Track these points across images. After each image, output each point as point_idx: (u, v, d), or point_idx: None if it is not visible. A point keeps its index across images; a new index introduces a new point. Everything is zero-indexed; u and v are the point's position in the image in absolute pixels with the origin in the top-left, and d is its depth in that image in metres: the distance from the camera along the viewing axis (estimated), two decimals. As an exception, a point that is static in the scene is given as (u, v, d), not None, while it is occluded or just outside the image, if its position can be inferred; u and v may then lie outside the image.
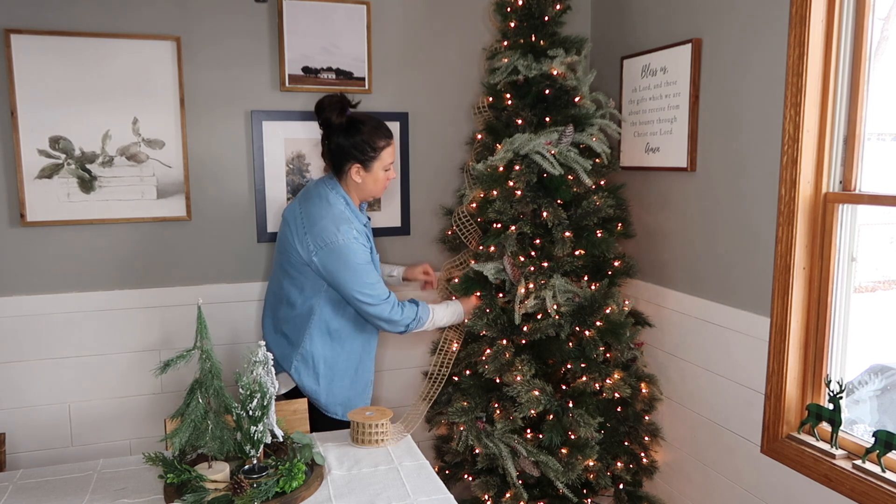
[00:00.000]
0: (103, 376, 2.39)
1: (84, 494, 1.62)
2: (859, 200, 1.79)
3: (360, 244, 2.00)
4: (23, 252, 2.28)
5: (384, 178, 2.09)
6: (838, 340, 1.88)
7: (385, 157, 2.05)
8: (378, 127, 2.04)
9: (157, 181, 2.37)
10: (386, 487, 1.66)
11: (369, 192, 2.10)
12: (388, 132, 2.07)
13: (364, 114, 2.10)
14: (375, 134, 2.02)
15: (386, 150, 2.05)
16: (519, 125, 2.31)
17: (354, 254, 1.97)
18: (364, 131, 2.01)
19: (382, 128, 2.06)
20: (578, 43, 2.34)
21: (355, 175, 2.04)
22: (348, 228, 1.98)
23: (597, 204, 2.24)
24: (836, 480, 1.76)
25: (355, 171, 2.04)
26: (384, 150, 2.04)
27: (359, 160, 2.03)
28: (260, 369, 1.61)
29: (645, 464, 2.47)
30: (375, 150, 2.02)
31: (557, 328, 2.20)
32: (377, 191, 2.11)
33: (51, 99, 2.22)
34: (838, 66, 1.81)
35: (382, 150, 2.04)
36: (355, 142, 2.01)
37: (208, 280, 2.47)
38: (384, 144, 2.04)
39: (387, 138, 2.05)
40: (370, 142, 2.01)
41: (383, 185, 2.11)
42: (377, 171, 2.05)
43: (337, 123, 2.03)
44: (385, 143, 2.04)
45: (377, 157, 2.03)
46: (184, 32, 2.33)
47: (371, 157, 2.03)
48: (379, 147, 2.03)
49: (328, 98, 2.06)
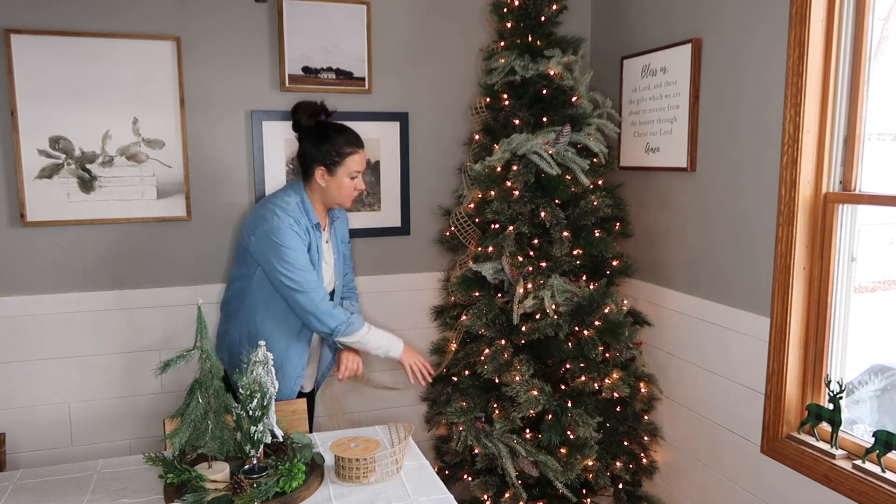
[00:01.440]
0: (103, 376, 2.39)
1: (84, 494, 1.62)
2: (859, 200, 1.79)
3: (295, 233, 2.00)
4: (23, 252, 2.28)
5: (349, 186, 2.10)
6: (838, 340, 1.87)
7: (350, 165, 2.08)
8: (346, 134, 2.09)
9: (157, 181, 2.37)
10: (386, 487, 1.66)
11: (332, 197, 2.11)
12: (357, 141, 2.10)
13: (337, 123, 2.14)
14: (343, 140, 2.06)
15: (352, 157, 2.07)
16: (516, 125, 2.31)
17: (286, 237, 1.98)
18: (333, 138, 2.06)
19: (351, 135, 2.09)
20: (575, 43, 2.34)
21: (320, 178, 2.08)
22: (285, 216, 2.00)
23: (594, 204, 2.24)
24: (836, 480, 1.76)
25: (320, 174, 2.07)
26: (350, 156, 2.07)
27: (324, 164, 2.06)
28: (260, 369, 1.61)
29: (644, 464, 2.47)
30: (341, 156, 2.06)
31: (556, 328, 2.20)
32: (342, 198, 2.12)
33: (51, 99, 2.22)
34: (838, 66, 1.81)
35: (348, 156, 2.07)
36: (322, 147, 2.05)
37: (208, 280, 2.47)
38: (350, 151, 2.07)
39: (353, 146, 2.08)
40: (336, 147, 2.05)
41: (349, 194, 2.12)
42: (341, 178, 2.08)
43: (306, 126, 2.09)
44: (351, 150, 2.07)
45: (342, 162, 2.06)
46: (184, 32, 2.33)
47: (336, 162, 2.06)
48: (345, 153, 2.06)
49: (304, 103, 2.12)
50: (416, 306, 2.73)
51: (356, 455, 1.68)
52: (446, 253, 2.70)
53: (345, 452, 1.69)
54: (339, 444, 1.74)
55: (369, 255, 2.65)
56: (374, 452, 1.69)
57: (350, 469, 1.67)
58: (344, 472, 1.68)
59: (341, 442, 1.76)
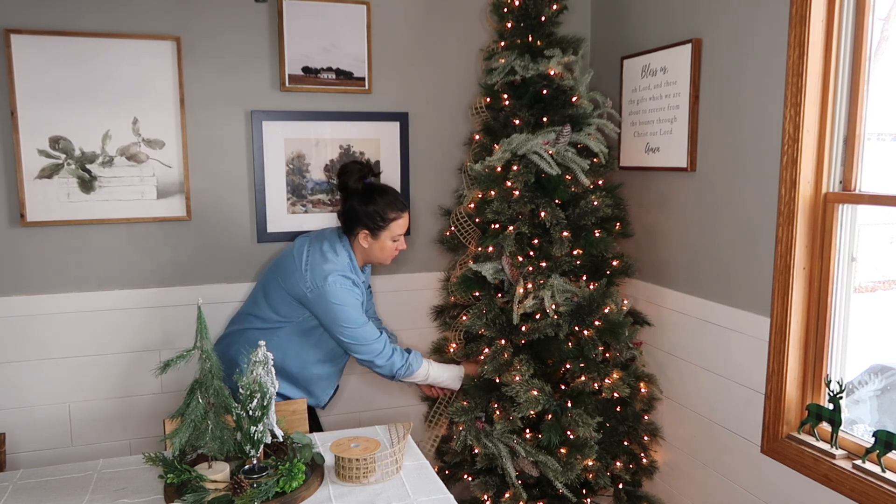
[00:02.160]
0: (103, 376, 2.39)
1: (84, 494, 1.62)
2: (859, 200, 1.79)
3: (353, 295, 2.06)
4: (23, 252, 2.28)
5: (391, 248, 2.15)
6: (838, 340, 1.87)
7: (394, 229, 2.12)
8: (392, 199, 2.12)
9: (157, 181, 2.37)
10: (386, 487, 1.66)
11: (375, 258, 2.17)
12: (402, 205, 2.14)
13: (383, 185, 2.19)
14: (388, 205, 2.10)
15: (396, 222, 2.11)
16: (516, 125, 2.31)
17: (346, 300, 2.04)
18: (378, 201, 2.09)
19: (397, 201, 2.13)
20: (575, 43, 2.34)
21: (363, 240, 2.12)
22: (344, 279, 2.05)
23: (594, 204, 2.24)
24: (836, 480, 1.76)
25: (363, 236, 2.11)
26: (394, 221, 2.11)
27: (368, 227, 2.10)
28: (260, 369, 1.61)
29: (644, 464, 2.47)
30: (385, 221, 2.10)
31: (556, 328, 2.20)
32: (383, 258, 2.17)
33: (51, 99, 2.22)
34: (838, 66, 1.81)
35: (392, 221, 2.10)
36: (367, 209, 2.09)
37: (208, 280, 2.47)
38: (395, 216, 2.11)
39: (399, 211, 2.12)
40: (381, 212, 2.09)
41: (391, 254, 2.17)
42: (384, 241, 2.12)
43: (353, 188, 2.11)
44: (396, 215, 2.11)
45: (386, 227, 2.10)
46: (184, 32, 2.33)
47: (380, 227, 2.10)
48: (389, 218, 2.10)
49: (352, 164, 2.16)
50: (416, 306, 2.73)
51: (356, 455, 1.68)
52: (446, 253, 2.69)
53: (345, 452, 1.69)
54: (339, 445, 1.74)
55: (369, 255, 2.65)
56: (374, 452, 1.69)
57: (350, 469, 1.67)
58: (344, 472, 1.68)
59: (341, 442, 1.76)
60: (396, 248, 2.17)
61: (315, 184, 2.55)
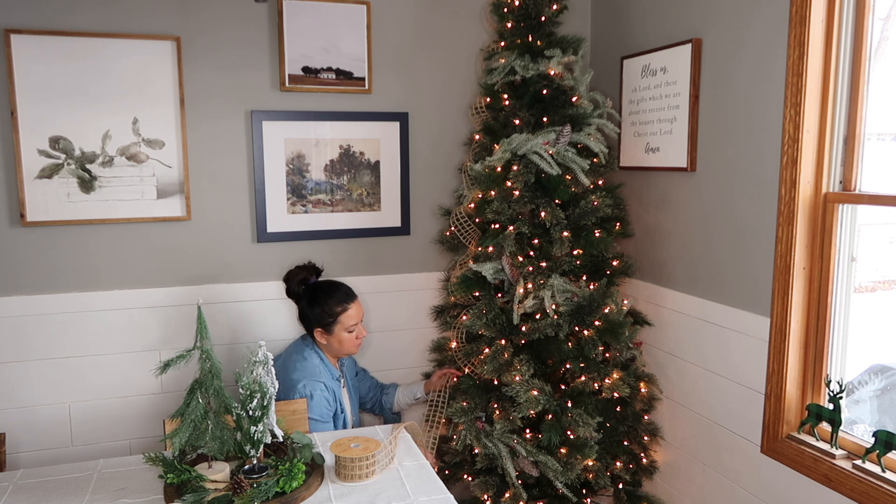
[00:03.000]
0: (103, 376, 2.39)
1: (84, 494, 1.62)
2: (859, 200, 1.79)
3: (324, 398, 2.15)
4: (23, 252, 2.28)
5: (349, 339, 2.23)
6: (838, 340, 1.87)
7: (345, 321, 2.20)
8: (335, 294, 2.21)
9: (157, 181, 2.37)
10: (386, 487, 1.66)
11: (336, 351, 2.25)
12: (347, 298, 2.23)
13: (326, 282, 2.27)
14: (333, 302, 2.20)
15: (345, 314, 2.20)
16: (516, 125, 2.31)
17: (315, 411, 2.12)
18: (322, 300, 2.20)
19: (340, 294, 2.22)
20: (575, 43, 2.34)
21: (320, 338, 2.23)
22: (313, 386, 2.14)
23: (594, 204, 2.24)
24: (836, 480, 1.76)
25: (318, 334, 2.22)
26: (342, 314, 2.20)
27: (320, 325, 2.20)
28: (260, 369, 1.61)
29: (644, 463, 2.47)
30: (333, 317, 2.19)
31: (556, 328, 2.20)
32: (345, 350, 2.25)
33: (51, 99, 2.22)
34: (838, 66, 1.81)
35: (340, 314, 2.20)
36: (314, 311, 2.20)
37: (208, 280, 2.47)
38: (341, 310, 2.20)
39: (343, 304, 2.21)
40: (328, 310, 2.19)
41: (352, 344, 2.25)
42: (340, 334, 2.21)
43: (298, 293, 2.24)
44: (342, 308, 2.20)
45: (336, 321, 2.20)
46: (184, 32, 2.33)
47: (330, 323, 2.20)
48: (336, 313, 2.19)
49: (294, 269, 2.28)
50: (416, 306, 2.73)
51: (356, 454, 1.68)
52: (446, 253, 2.70)
53: (345, 452, 1.69)
54: (339, 444, 1.74)
55: (369, 255, 2.65)
56: (374, 452, 1.70)
57: (350, 468, 1.67)
58: (344, 471, 1.68)
59: (341, 442, 1.76)
60: (356, 337, 2.25)
61: (315, 184, 2.55)
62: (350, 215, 2.60)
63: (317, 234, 2.56)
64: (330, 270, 2.55)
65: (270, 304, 2.53)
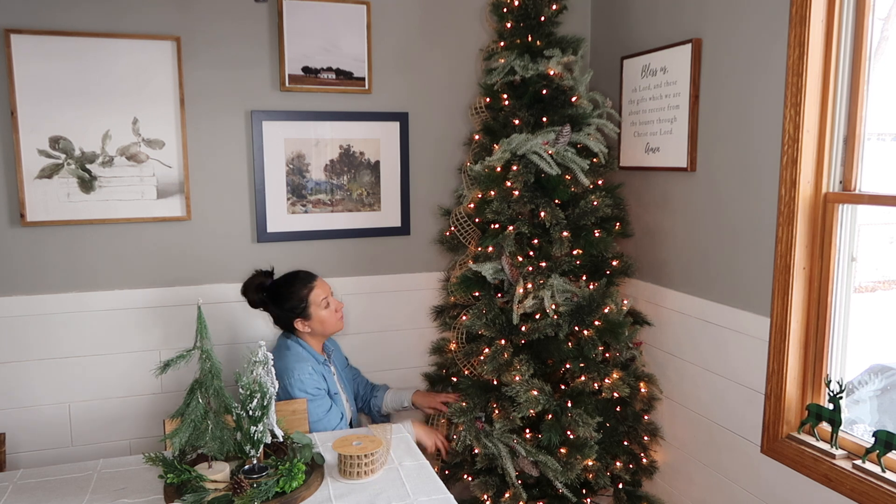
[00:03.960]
0: (103, 376, 2.39)
1: (84, 494, 1.62)
2: (859, 200, 1.79)
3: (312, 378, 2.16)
4: (23, 252, 2.28)
5: (329, 315, 2.23)
6: (838, 340, 1.87)
7: (315, 299, 2.21)
8: (294, 282, 2.22)
9: (157, 181, 2.37)
10: (386, 487, 1.66)
11: (322, 331, 2.25)
12: (309, 278, 2.24)
13: (281, 277, 2.27)
14: (297, 289, 2.20)
15: (312, 294, 2.21)
16: (516, 125, 2.31)
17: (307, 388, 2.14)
18: (285, 294, 2.20)
19: (298, 280, 2.23)
20: (575, 43, 2.34)
21: (301, 327, 2.22)
22: (302, 367, 2.16)
23: (594, 204, 2.24)
24: (836, 480, 1.76)
25: (300, 324, 2.22)
26: (310, 294, 2.20)
27: (297, 315, 2.20)
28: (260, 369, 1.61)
29: (644, 463, 2.47)
30: (303, 301, 2.20)
31: (556, 328, 2.20)
32: (329, 327, 2.25)
33: (51, 99, 2.22)
34: (838, 66, 1.81)
35: (308, 296, 2.20)
36: (284, 306, 2.21)
37: (208, 280, 2.47)
38: (307, 292, 2.20)
39: (307, 285, 2.21)
40: (295, 298, 2.20)
41: (335, 320, 2.25)
42: (317, 313, 2.21)
43: (260, 300, 2.23)
44: (307, 289, 2.21)
45: (307, 304, 2.20)
46: (184, 32, 2.33)
47: (304, 308, 2.20)
48: (304, 297, 2.20)
49: (246, 282, 2.26)
50: (416, 306, 2.73)
51: (358, 452, 1.69)
52: (446, 253, 2.70)
53: (347, 450, 1.70)
54: (342, 442, 1.76)
55: (369, 255, 2.65)
56: (376, 450, 1.70)
57: (353, 466, 1.68)
58: (347, 469, 1.69)
59: (343, 440, 1.77)
60: (336, 310, 2.25)
61: (315, 184, 2.55)
62: (350, 215, 2.60)
63: (317, 234, 2.56)
64: (330, 271, 2.55)
65: (270, 304, 2.53)
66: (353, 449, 1.71)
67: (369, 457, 1.70)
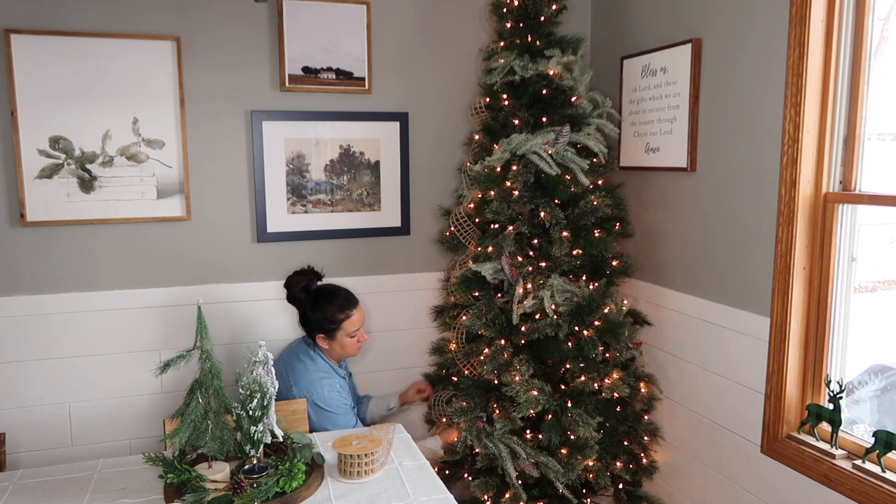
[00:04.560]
0: (103, 376, 2.39)
1: (84, 494, 1.62)
2: (859, 200, 1.79)
3: (340, 396, 2.21)
4: (23, 252, 2.28)
5: (351, 343, 2.26)
6: (838, 340, 1.87)
7: (347, 327, 2.22)
8: (339, 300, 2.23)
9: (157, 181, 2.37)
10: (386, 487, 1.66)
11: (338, 355, 2.29)
12: (350, 304, 2.25)
13: (329, 287, 2.28)
14: (336, 309, 2.21)
15: (347, 321, 2.22)
16: (516, 125, 2.31)
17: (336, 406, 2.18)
18: (325, 307, 2.21)
19: (342, 300, 2.24)
20: (575, 43, 2.34)
21: (322, 342, 2.25)
22: (331, 383, 2.21)
23: (594, 203, 2.24)
24: (836, 480, 1.76)
25: (321, 339, 2.24)
26: (345, 321, 2.22)
27: (322, 331, 2.22)
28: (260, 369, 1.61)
29: (644, 464, 2.47)
30: (336, 323, 2.21)
31: (556, 328, 2.20)
32: (347, 354, 2.29)
33: (51, 99, 2.22)
34: (838, 66, 1.81)
35: (343, 321, 2.21)
36: (316, 317, 2.21)
37: (208, 280, 2.47)
38: (344, 317, 2.22)
39: (347, 310, 2.23)
40: (330, 316, 2.20)
41: (353, 348, 2.28)
42: (341, 339, 2.24)
43: (300, 299, 2.25)
44: (345, 315, 2.22)
45: (338, 328, 2.22)
46: (184, 32, 2.33)
47: (333, 329, 2.21)
48: (339, 320, 2.21)
49: (295, 275, 2.28)
50: (416, 306, 2.73)
51: (358, 451, 1.69)
52: (446, 253, 2.70)
53: (347, 449, 1.70)
54: (342, 442, 1.76)
55: (369, 254, 2.65)
56: (376, 449, 1.70)
57: (353, 466, 1.68)
58: (347, 468, 1.69)
59: (344, 440, 1.77)
60: (358, 341, 2.27)
61: (315, 184, 2.55)
62: (350, 215, 2.60)
63: (317, 234, 2.56)
64: (330, 271, 2.55)
65: (270, 305, 2.53)
66: (353, 448, 1.71)
67: (369, 456, 1.70)
